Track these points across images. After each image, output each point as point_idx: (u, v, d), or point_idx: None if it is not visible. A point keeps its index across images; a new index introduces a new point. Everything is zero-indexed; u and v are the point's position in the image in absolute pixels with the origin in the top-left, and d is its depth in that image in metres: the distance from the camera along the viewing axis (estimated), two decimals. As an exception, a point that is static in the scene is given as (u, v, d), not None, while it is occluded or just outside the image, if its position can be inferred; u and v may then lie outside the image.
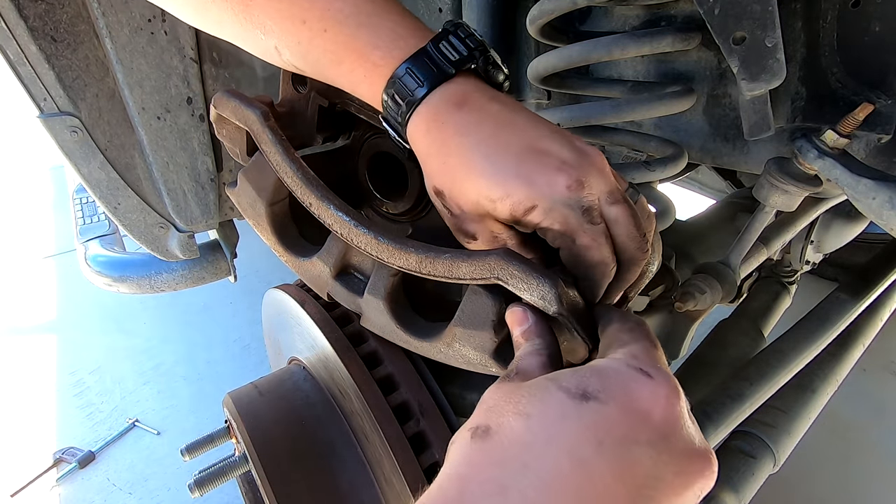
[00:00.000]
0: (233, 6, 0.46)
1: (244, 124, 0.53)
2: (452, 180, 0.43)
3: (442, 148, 0.43)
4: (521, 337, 0.40)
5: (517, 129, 0.42)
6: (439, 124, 0.43)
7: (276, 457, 0.65)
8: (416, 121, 0.44)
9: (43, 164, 4.29)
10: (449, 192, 0.44)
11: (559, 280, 0.39)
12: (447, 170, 0.44)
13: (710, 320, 1.08)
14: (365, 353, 0.65)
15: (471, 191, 0.42)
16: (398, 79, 0.43)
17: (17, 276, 2.95)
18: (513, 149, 0.41)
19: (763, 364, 0.96)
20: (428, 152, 0.45)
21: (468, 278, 0.42)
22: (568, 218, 0.40)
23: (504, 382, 0.36)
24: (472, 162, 0.42)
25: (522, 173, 0.41)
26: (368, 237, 0.48)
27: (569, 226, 0.40)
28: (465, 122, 0.42)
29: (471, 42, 0.45)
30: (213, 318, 2.49)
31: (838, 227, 1.26)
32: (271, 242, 0.59)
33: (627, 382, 0.32)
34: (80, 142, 0.93)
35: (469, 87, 0.44)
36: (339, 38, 0.44)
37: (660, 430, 0.31)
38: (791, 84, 0.68)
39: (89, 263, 1.29)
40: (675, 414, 0.32)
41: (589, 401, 0.31)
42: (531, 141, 0.42)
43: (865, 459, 1.65)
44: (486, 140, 0.42)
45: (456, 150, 0.42)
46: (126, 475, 1.76)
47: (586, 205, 0.41)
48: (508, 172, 0.41)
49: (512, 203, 0.41)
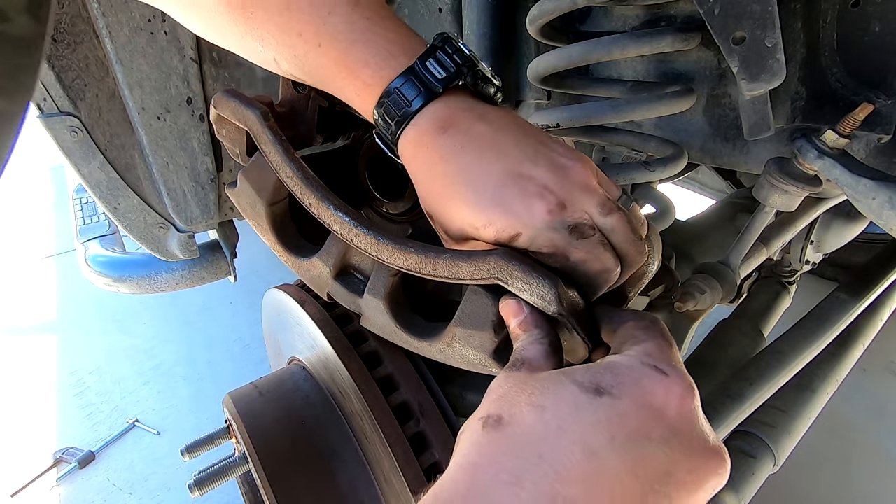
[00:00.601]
0: (234, 19, 0.46)
1: (244, 124, 0.53)
2: (438, 205, 0.44)
3: (428, 172, 0.44)
4: (518, 328, 0.40)
5: (500, 153, 0.42)
6: (425, 148, 0.44)
7: (276, 457, 0.65)
8: (404, 142, 0.45)
9: (43, 164, 4.29)
10: (436, 216, 0.45)
11: (559, 280, 0.39)
12: (433, 195, 0.44)
13: (710, 320, 1.08)
14: (365, 353, 0.65)
15: (455, 217, 0.43)
16: (386, 98, 0.44)
17: (17, 276, 2.95)
18: (493, 176, 0.42)
19: (763, 364, 0.96)
20: (416, 176, 0.46)
21: (468, 278, 0.42)
22: (554, 241, 0.40)
23: (512, 372, 0.36)
24: (455, 189, 0.42)
25: (503, 202, 0.41)
26: (368, 237, 0.48)
27: (557, 248, 0.40)
28: (448, 147, 0.43)
29: (458, 58, 0.45)
30: (213, 318, 2.49)
31: (838, 227, 1.26)
32: (271, 242, 0.59)
33: (641, 379, 0.33)
34: (79, 142, 0.93)
35: (458, 107, 0.44)
36: (331, 54, 0.45)
37: (673, 427, 0.31)
38: (791, 84, 0.68)
39: (89, 263, 1.29)
40: (690, 411, 0.32)
41: (602, 395, 0.32)
42: (512, 165, 0.42)
43: (865, 459, 1.65)
44: (468, 167, 0.42)
45: (440, 176, 0.43)
46: (126, 475, 1.76)
47: (572, 223, 0.40)
48: (488, 201, 0.41)
49: (496, 230, 0.41)
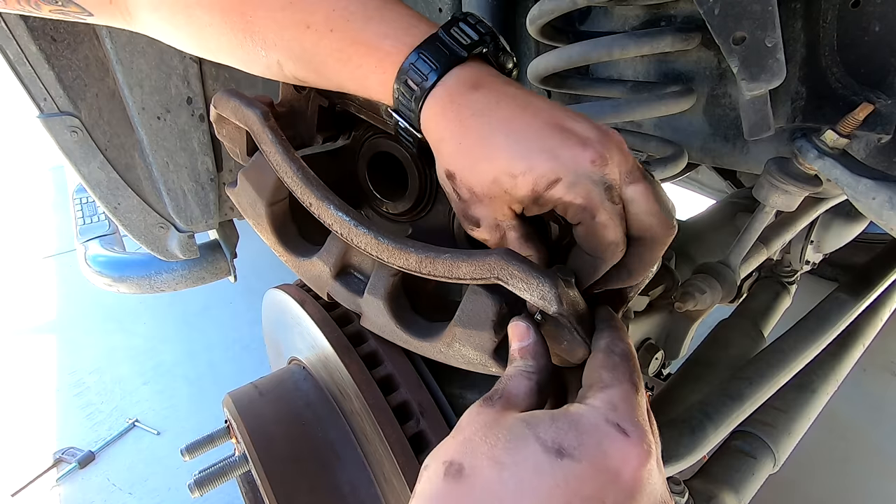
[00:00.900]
0: (232, 27, 0.46)
1: (244, 124, 0.53)
2: (468, 161, 0.43)
3: (459, 129, 0.43)
4: (516, 353, 0.40)
5: (537, 110, 0.42)
6: (456, 106, 0.43)
7: (276, 457, 0.65)
8: (430, 104, 0.44)
9: (43, 164, 4.29)
10: (461, 173, 0.44)
11: (559, 280, 0.39)
12: (463, 151, 0.43)
13: (710, 320, 1.08)
14: (365, 353, 0.65)
15: (488, 170, 0.42)
16: (411, 64, 0.43)
17: (17, 276, 2.95)
18: (535, 126, 0.41)
19: (763, 364, 0.96)
20: (442, 136, 0.44)
21: (468, 278, 0.42)
22: (591, 193, 0.40)
23: (485, 408, 0.36)
24: (493, 140, 0.42)
25: (546, 148, 0.40)
26: (368, 237, 0.48)
27: (591, 201, 0.40)
28: (482, 102, 0.42)
29: (481, 28, 0.45)
30: (213, 318, 2.49)
31: (838, 227, 1.26)
32: (271, 242, 0.59)
33: (602, 440, 0.33)
34: (80, 142, 0.93)
35: (483, 71, 0.44)
36: (346, 35, 0.44)
37: (626, 490, 0.32)
38: (791, 84, 0.68)
39: (89, 263, 1.29)
40: (643, 475, 0.33)
41: (563, 458, 0.32)
42: (553, 119, 0.42)
43: (865, 459, 1.65)
44: (506, 120, 0.42)
45: (474, 130, 0.42)
46: (126, 475, 1.76)
47: (609, 182, 0.40)
48: (532, 147, 0.41)
49: (535, 177, 0.40)
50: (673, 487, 0.84)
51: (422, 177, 0.61)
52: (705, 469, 0.94)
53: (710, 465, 0.94)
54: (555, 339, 0.42)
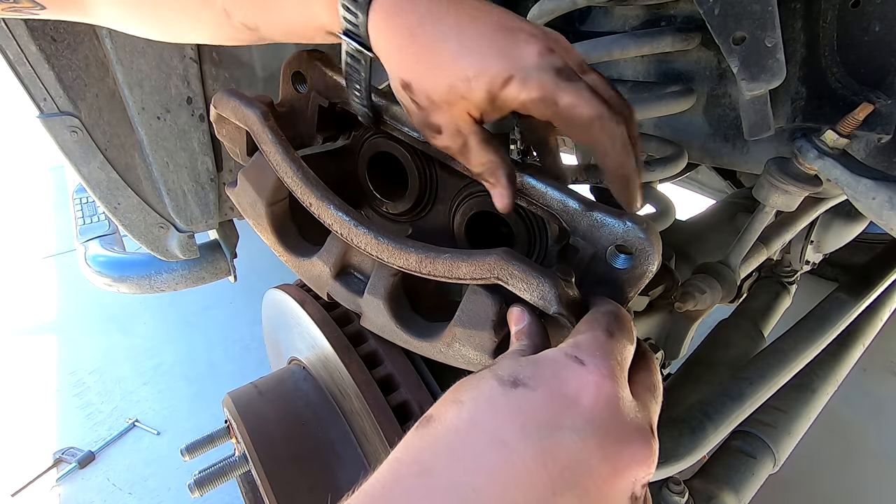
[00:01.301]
0: None
1: (244, 124, 0.53)
2: (422, 68, 0.43)
3: (408, 37, 0.43)
4: (514, 336, 0.40)
5: (486, 12, 0.43)
6: (403, 15, 0.43)
7: (276, 457, 0.65)
8: (374, 16, 0.43)
9: (43, 164, 4.29)
10: (417, 81, 0.44)
11: (559, 280, 0.39)
12: (415, 58, 0.43)
13: (710, 320, 1.08)
14: (365, 353, 0.65)
15: (442, 76, 0.42)
16: None
17: (17, 276, 2.94)
18: (485, 31, 0.42)
19: (763, 364, 0.96)
20: (391, 45, 0.44)
21: (468, 278, 0.42)
22: (543, 81, 0.41)
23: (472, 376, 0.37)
24: (444, 46, 0.42)
25: (497, 49, 0.41)
26: (368, 237, 0.48)
27: (546, 88, 0.41)
28: (431, 10, 0.42)
29: None
30: (213, 318, 2.49)
31: (838, 227, 1.26)
32: (271, 242, 0.59)
33: (559, 370, 0.33)
34: (79, 142, 0.93)
35: None
36: None
37: (586, 415, 0.32)
38: (791, 84, 0.68)
39: (89, 263, 1.29)
40: (604, 400, 0.32)
41: (518, 387, 0.33)
42: (502, 22, 0.43)
43: (865, 459, 1.65)
44: (457, 26, 0.42)
45: (425, 37, 0.42)
46: (126, 475, 1.76)
47: (558, 65, 0.41)
48: (483, 51, 0.41)
49: (489, 77, 0.41)
50: (673, 487, 0.84)
51: (422, 177, 0.61)
52: (705, 469, 0.94)
53: (710, 465, 0.94)
54: (555, 339, 0.42)
